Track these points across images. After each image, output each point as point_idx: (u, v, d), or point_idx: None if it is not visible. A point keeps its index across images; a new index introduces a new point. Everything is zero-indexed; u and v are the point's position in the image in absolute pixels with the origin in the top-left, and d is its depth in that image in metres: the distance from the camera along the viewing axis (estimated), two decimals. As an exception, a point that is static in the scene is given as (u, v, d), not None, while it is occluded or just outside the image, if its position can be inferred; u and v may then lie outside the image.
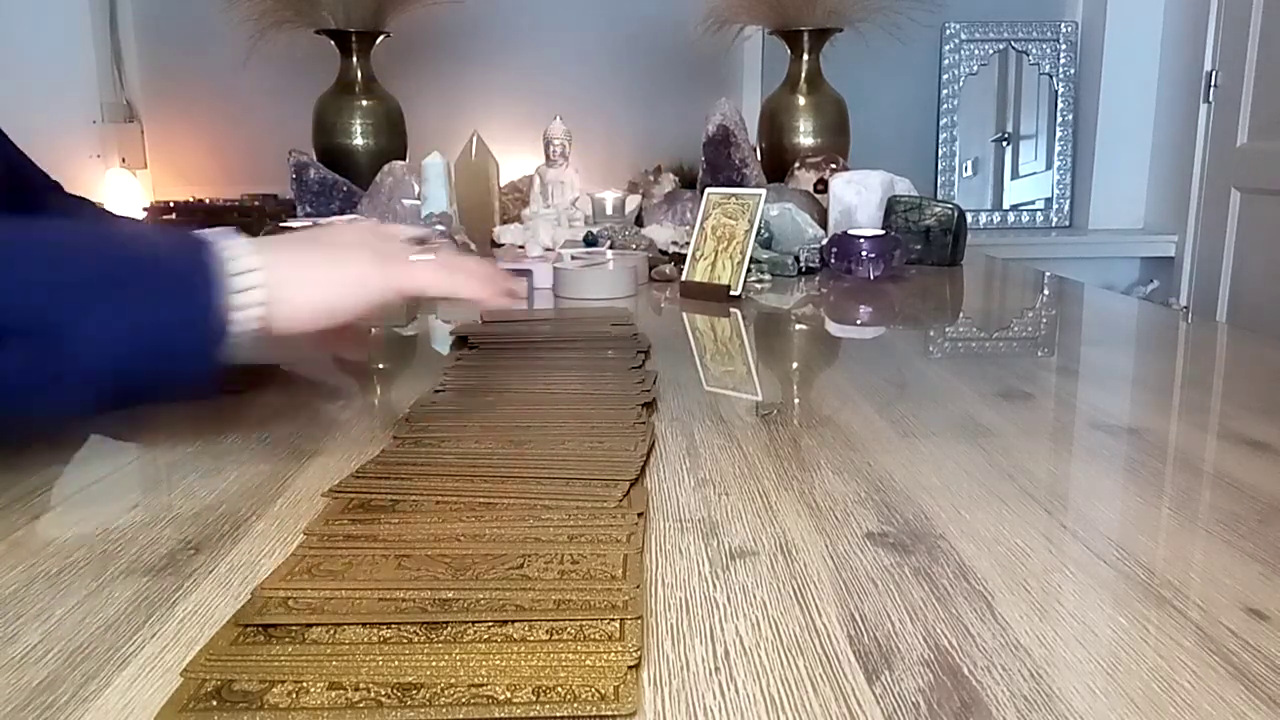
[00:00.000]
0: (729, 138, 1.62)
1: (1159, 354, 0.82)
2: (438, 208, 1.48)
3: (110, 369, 0.45)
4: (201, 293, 0.47)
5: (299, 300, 0.50)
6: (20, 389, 0.43)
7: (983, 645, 0.30)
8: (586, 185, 1.52)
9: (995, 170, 2.43)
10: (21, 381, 0.43)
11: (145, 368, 0.46)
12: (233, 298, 0.47)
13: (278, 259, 0.50)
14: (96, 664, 0.29)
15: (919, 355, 0.76)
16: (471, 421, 0.54)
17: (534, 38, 2.29)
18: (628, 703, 0.27)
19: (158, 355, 0.46)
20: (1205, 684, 0.28)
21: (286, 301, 0.49)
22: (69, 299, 0.44)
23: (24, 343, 0.43)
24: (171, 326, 0.46)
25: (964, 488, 0.44)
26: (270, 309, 0.48)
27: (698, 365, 0.73)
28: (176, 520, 0.41)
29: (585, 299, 1.04)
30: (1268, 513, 0.41)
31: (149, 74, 2.27)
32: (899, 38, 1.96)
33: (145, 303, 0.46)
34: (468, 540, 0.37)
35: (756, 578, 0.35)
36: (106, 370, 0.45)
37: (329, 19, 1.86)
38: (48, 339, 0.43)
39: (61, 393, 0.44)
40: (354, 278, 0.52)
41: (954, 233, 1.27)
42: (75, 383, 0.44)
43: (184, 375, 0.47)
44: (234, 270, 0.48)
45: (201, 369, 0.47)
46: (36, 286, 0.44)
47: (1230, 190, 2.06)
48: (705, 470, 0.47)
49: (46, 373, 0.44)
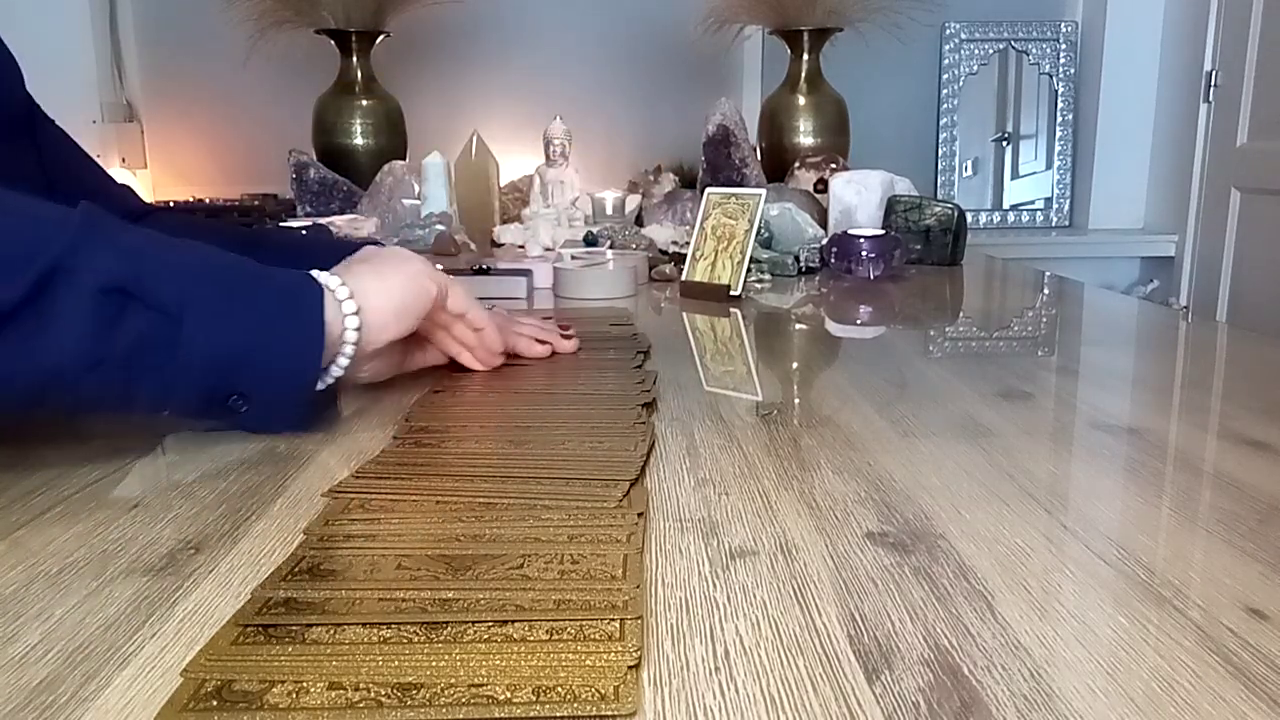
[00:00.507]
0: (729, 138, 1.62)
1: (1159, 354, 0.82)
2: (438, 208, 1.48)
3: (215, 365, 0.47)
4: (310, 308, 0.51)
5: (383, 306, 0.55)
6: (128, 361, 0.45)
7: (983, 645, 0.30)
8: (586, 185, 1.52)
9: (995, 170, 2.43)
10: (131, 356, 0.45)
11: (248, 370, 0.48)
12: (343, 318, 0.52)
13: (352, 275, 0.54)
14: (96, 664, 0.29)
15: (919, 355, 0.76)
16: (471, 421, 0.54)
17: (534, 38, 2.29)
18: (628, 703, 0.27)
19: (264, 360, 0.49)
20: (1205, 684, 0.28)
21: (376, 310, 0.54)
22: (206, 287, 0.48)
23: (148, 316, 0.45)
24: (284, 331, 0.50)
25: (964, 488, 0.44)
26: (364, 318, 0.53)
27: (698, 365, 0.73)
28: (176, 520, 0.41)
29: (585, 299, 1.04)
30: (1268, 513, 0.41)
31: (149, 74, 2.27)
32: (899, 37, 1.96)
33: (263, 307, 0.50)
34: (468, 540, 0.37)
35: (756, 577, 0.35)
36: (212, 363, 0.47)
37: (329, 19, 1.86)
38: (170, 318, 0.45)
39: (162, 375, 0.46)
40: (413, 273, 0.57)
41: (954, 232, 1.27)
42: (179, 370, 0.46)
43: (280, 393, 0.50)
44: (334, 289, 0.52)
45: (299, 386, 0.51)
46: (176, 270, 0.47)
47: (1230, 190, 2.06)
48: (705, 470, 0.47)
49: (159, 350, 0.45)
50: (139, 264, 0.45)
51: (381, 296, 0.55)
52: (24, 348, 0.42)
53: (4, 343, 0.42)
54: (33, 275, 0.42)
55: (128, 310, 0.44)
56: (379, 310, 0.54)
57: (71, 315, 0.43)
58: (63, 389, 0.44)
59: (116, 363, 0.44)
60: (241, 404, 0.49)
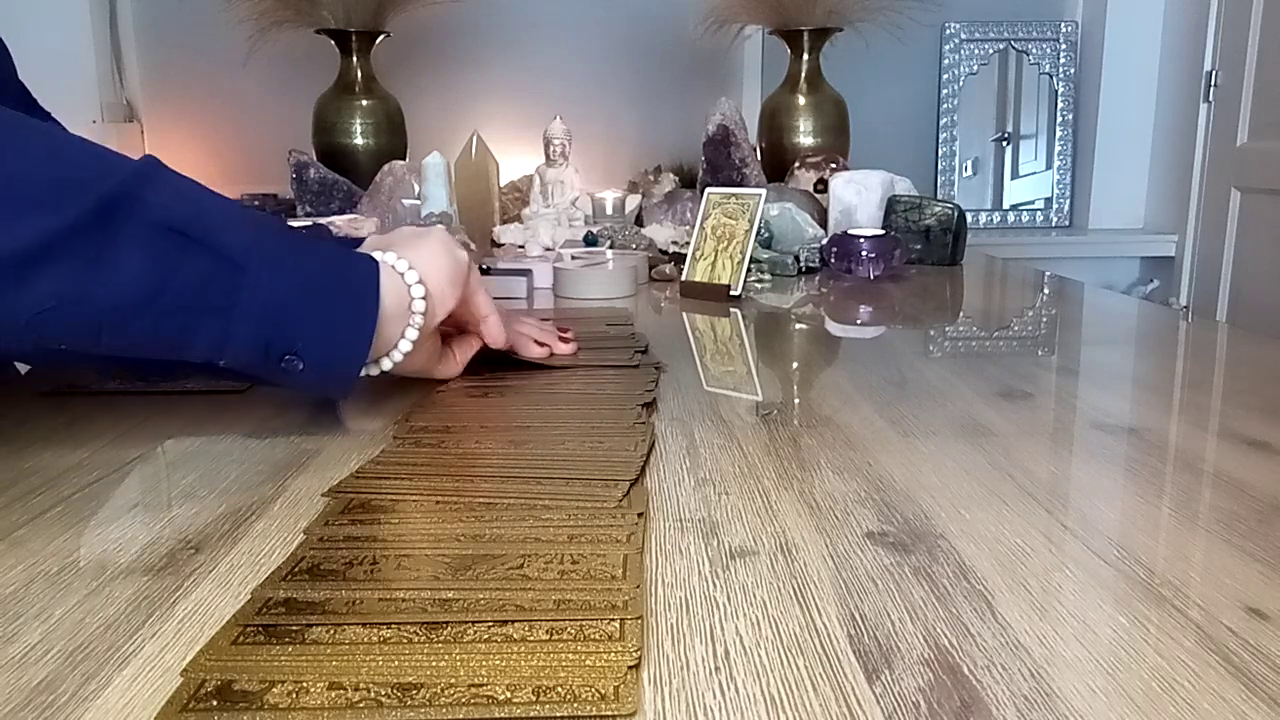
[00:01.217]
0: (729, 137, 1.62)
1: (1159, 354, 0.82)
2: (438, 207, 1.48)
3: (275, 317, 0.47)
4: (366, 276, 0.50)
5: (438, 274, 0.55)
6: (187, 302, 0.44)
7: (983, 645, 0.30)
8: (586, 185, 1.52)
9: (995, 170, 2.42)
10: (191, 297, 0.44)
11: (306, 328, 0.48)
12: (408, 287, 0.52)
13: (405, 250, 0.54)
14: (96, 664, 0.29)
15: (919, 355, 0.76)
16: (471, 421, 0.54)
17: (534, 38, 2.29)
18: (628, 703, 0.27)
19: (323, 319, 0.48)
20: (1205, 684, 0.28)
21: (433, 278, 0.54)
22: (268, 241, 0.47)
23: (212, 259, 0.44)
24: (341, 294, 0.49)
25: (964, 487, 0.44)
26: (428, 288, 0.53)
27: (698, 365, 0.73)
28: (176, 520, 0.41)
29: (585, 299, 1.04)
30: (1268, 513, 0.41)
31: (149, 74, 2.27)
32: (899, 38, 1.96)
33: (325, 269, 0.49)
34: (468, 540, 0.37)
35: (756, 577, 0.35)
36: (272, 314, 0.46)
37: (329, 19, 1.86)
38: (233, 264, 0.45)
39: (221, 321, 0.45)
40: (445, 243, 0.57)
41: (954, 232, 1.27)
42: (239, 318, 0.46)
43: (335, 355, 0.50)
44: (391, 262, 0.52)
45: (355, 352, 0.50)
46: (239, 222, 0.47)
47: (1230, 190, 2.06)
48: (705, 470, 0.47)
49: (221, 294, 0.45)
50: (202, 209, 0.45)
51: (432, 265, 0.54)
52: (82, 276, 0.41)
53: (62, 271, 0.41)
54: (92, 201, 0.41)
55: (189, 251, 0.44)
56: (437, 278, 0.54)
57: (131, 248, 0.42)
58: (119, 326, 0.43)
59: (175, 303, 0.43)
60: (297, 362, 0.48)
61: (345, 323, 0.50)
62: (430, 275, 0.54)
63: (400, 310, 0.52)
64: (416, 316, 0.53)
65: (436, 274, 0.54)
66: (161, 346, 0.46)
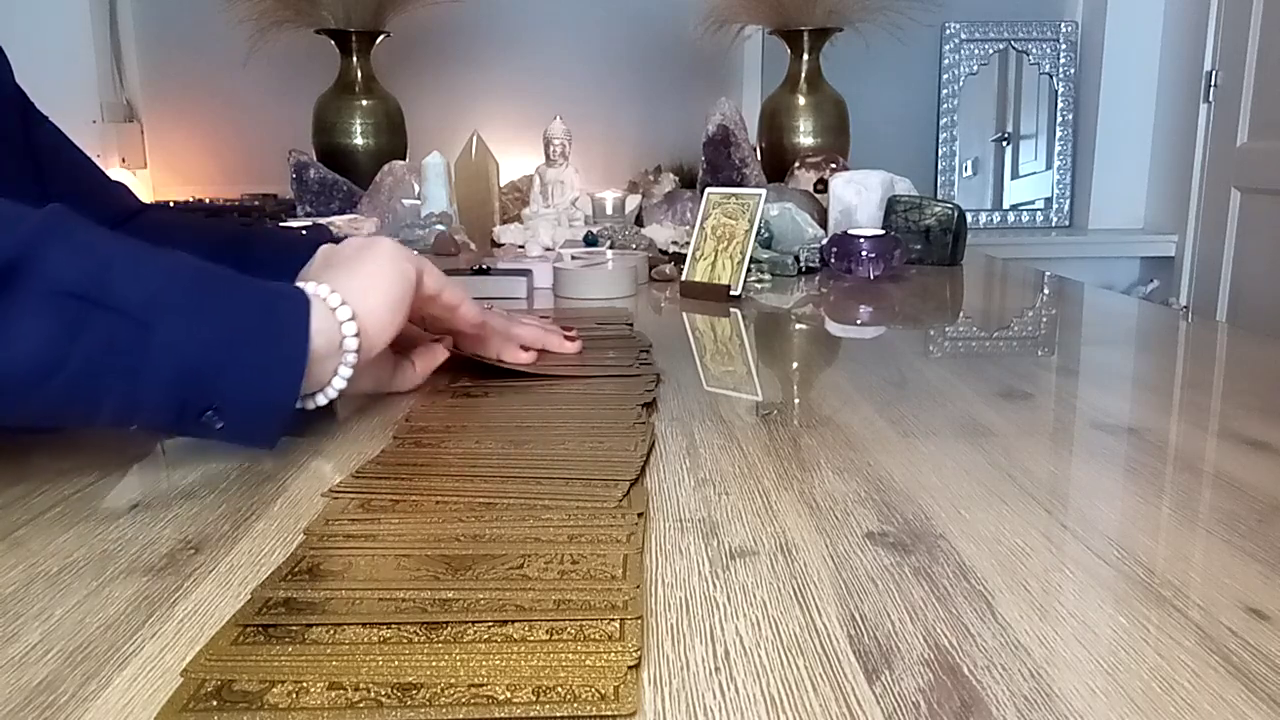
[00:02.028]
0: (729, 138, 1.62)
1: (1159, 354, 0.82)
2: (438, 207, 1.48)
3: (188, 376, 0.43)
4: (293, 318, 0.47)
5: (378, 305, 0.52)
6: (92, 369, 0.41)
7: (983, 645, 0.30)
8: (586, 185, 1.52)
9: (995, 170, 2.43)
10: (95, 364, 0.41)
11: (224, 383, 0.45)
12: (339, 325, 0.49)
13: (334, 278, 0.51)
14: (96, 664, 0.29)
15: (919, 355, 0.76)
16: (471, 421, 0.54)
17: (534, 38, 2.29)
18: (628, 703, 0.27)
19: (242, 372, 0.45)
20: (1205, 684, 0.28)
21: (371, 311, 0.51)
22: (178, 291, 0.44)
23: (115, 321, 0.42)
24: (262, 342, 0.46)
25: (964, 487, 0.44)
26: (362, 322, 0.50)
27: (698, 365, 0.73)
28: (176, 520, 0.41)
29: (585, 299, 1.04)
30: (1268, 513, 0.41)
31: (149, 74, 2.27)
32: (899, 38, 1.96)
33: (242, 315, 0.46)
34: (468, 540, 0.37)
35: (756, 577, 0.35)
36: (184, 374, 0.43)
37: (329, 19, 1.86)
38: (139, 324, 0.42)
39: (130, 386, 0.42)
40: (390, 260, 0.54)
41: (954, 232, 1.27)
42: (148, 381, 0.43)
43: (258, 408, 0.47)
44: (324, 297, 0.49)
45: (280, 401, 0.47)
46: (147, 275, 0.44)
47: (1230, 190, 2.06)
48: (705, 470, 0.47)
49: (126, 358, 0.42)
50: (106, 267, 0.42)
51: (373, 295, 0.52)
52: None
53: None
54: None
55: (92, 315, 0.41)
56: (374, 310, 0.51)
57: (27, 317, 0.39)
58: (20, 398, 0.40)
59: (79, 370, 0.41)
60: (216, 419, 0.45)
61: (267, 374, 0.46)
62: (368, 305, 0.51)
63: (331, 349, 0.49)
64: (349, 355, 0.50)
65: (375, 302, 0.52)
66: (67, 415, 0.44)
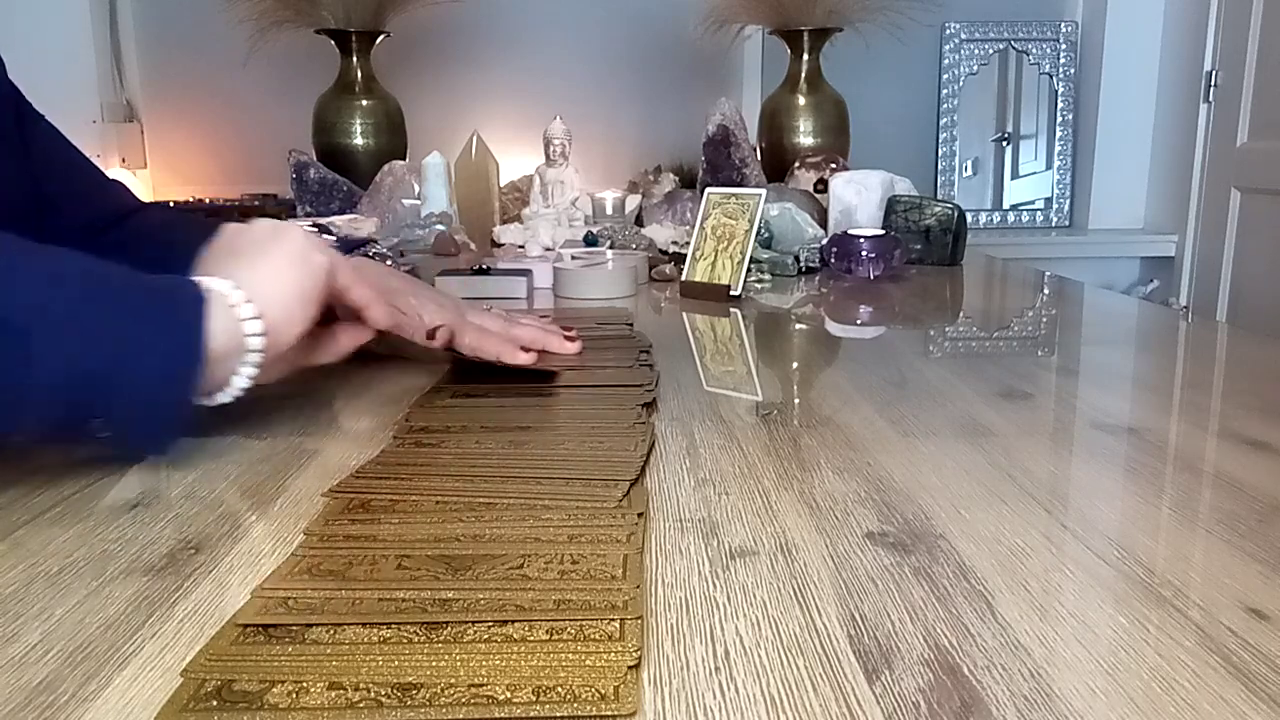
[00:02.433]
0: (729, 138, 1.62)
1: (1159, 354, 0.82)
2: (438, 208, 1.48)
3: (72, 384, 0.42)
4: (185, 317, 0.45)
5: (284, 299, 0.49)
6: None
7: (983, 645, 0.30)
8: (586, 185, 1.52)
9: (995, 170, 2.43)
10: None
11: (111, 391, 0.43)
12: (240, 324, 0.47)
13: (238, 271, 0.49)
14: (96, 664, 0.29)
15: (919, 355, 0.76)
16: (471, 421, 0.54)
17: (534, 38, 2.29)
18: (628, 703, 0.27)
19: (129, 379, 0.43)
20: (1205, 684, 0.28)
21: (277, 306, 0.49)
22: (61, 297, 0.42)
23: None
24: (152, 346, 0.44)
25: (964, 488, 0.44)
26: (267, 319, 0.48)
27: (698, 365, 0.73)
28: (176, 520, 0.41)
29: (585, 299, 1.04)
30: (1268, 513, 0.41)
31: (149, 74, 2.27)
32: (899, 38, 1.96)
33: (129, 318, 0.44)
34: (468, 540, 0.37)
35: (756, 577, 0.35)
36: (67, 382, 0.41)
37: (329, 19, 1.86)
38: (15, 331, 0.40)
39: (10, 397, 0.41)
40: (298, 250, 0.51)
41: (954, 232, 1.27)
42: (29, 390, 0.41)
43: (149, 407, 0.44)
44: (226, 293, 0.47)
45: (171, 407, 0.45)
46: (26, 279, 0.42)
47: (1230, 190, 2.06)
48: (705, 470, 0.47)
49: (4, 369, 0.40)
50: None
51: (279, 289, 0.49)
52: None
53: None
54: None
55: None
56: (281, 305, 0.49)
57: None
58: None
59: None
60: (103, 427, 0.44)
61: (156, 381, 0.44)
62: (273, 299, 0.48)
63: (232, 349, 0.47)
64: (252, 355, 0.48)
65: (282, 296, 0.49)
66: None
